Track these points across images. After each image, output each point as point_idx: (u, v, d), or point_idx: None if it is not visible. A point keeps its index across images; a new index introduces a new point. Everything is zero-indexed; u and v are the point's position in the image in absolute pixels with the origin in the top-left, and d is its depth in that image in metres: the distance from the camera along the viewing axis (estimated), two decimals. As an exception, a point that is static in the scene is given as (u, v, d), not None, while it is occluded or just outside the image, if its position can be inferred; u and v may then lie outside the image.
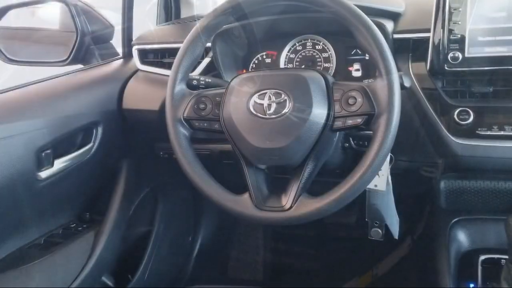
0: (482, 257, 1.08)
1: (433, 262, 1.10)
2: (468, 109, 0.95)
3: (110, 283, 1.28)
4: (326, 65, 1.16)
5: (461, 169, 1.13)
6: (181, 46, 0.93)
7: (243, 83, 0.88)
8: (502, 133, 0.94)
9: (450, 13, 0.94)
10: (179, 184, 1.61)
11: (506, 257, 0.92)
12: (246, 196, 0.87)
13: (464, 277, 1.06)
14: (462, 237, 1.13)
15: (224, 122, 0.88)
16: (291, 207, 0.83)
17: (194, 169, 0.89)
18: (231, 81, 0.91)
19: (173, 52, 1.20)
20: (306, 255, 1.80)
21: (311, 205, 0.82)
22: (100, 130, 1.20)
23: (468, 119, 0.94)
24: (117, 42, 1.45)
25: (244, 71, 1.23)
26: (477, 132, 0.95)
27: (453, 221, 1.14)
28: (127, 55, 1.39)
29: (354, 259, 1.70)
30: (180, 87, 0.93)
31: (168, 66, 1.24)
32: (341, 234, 1.74)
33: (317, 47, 1.17)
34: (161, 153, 1.31)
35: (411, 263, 1.51)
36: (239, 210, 0.87)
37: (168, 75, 0.95)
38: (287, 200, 0.84)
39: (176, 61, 0.93)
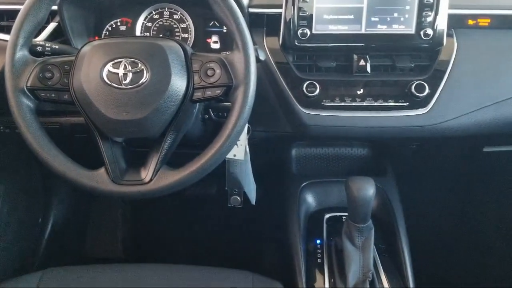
0: (327, 216, 1.20)
1: (285, 223, 1.19)
2: (315, 82, 1.03)
3: None
4: (185, 35, 1.14)
5: (309, 138, 1.24)
6: (22, 8, 0.83)
7: (95, 51, 0.83)
8: (342, 104, 1.05)
9: (300, -9, 1.01)
10: (24, 161, 1.46)
11: (346, 214, 1.03)
12: (102, 171, 0.83)
13: (312, 235, 1.16)
14: (310, 199, 1.24)
15: (75, 92, 0.82)
16: (151, 179, 0.82)
17: (41, 144, 0.82)
18: (81, 48, 0.84)
19: (12, 14, 1.06)
20: (167, 228, 1.80)
21: (172, 177, 0.81)
22: None
23: (315, 91, 1.03)
24: None
25: (96, 38, 1.15)
26: (322, 103, 1.05)
27: (302, 185, 1.24)
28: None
29: (216, 227, 1.76)
30: (22, 53, 0.83)
31: (7, 30, 1.10)
32: (202, 204, 1.77)
33: (174, 16, 1.14)
34: (1, 127, 1.17)
35: (267, 225, 1.61)
36: (94, 186, 0.82)
37: (6, 40, 0.84)
38: (146, 173, 0.82)
39: (16, 24, 0.83)
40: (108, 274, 0.97)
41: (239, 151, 1.04)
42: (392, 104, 1.04)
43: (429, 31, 1.01)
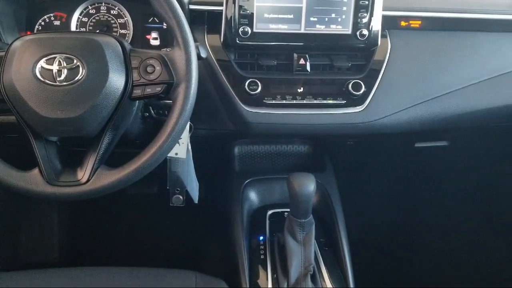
0: (269, 212, 1.21)
1: (228, 220, 1.19)
2: (257, 80, 1.04)
3: None
4: (123, 31, 1.11)
5: (252, 135, 1.25)
6: None
7: (27, 46, 0.78)
8: (284, 101, 1.06)
9: (240, -11, 1.01)
10: None
11: (288, 210, 1.05)
12: (35, 171, 0.79)
13: (255, 232, 1.18)
14: (252, 196, 1.25)
15: (5, 89, 0.77)
16: (88, 180, 0.79)
17: (-32, 145, 0.77)
18: (12, 43, 0.80)
19: None
20: (107, 229, 1.74)
21: (111, 177, 0.79)
22: None
23: (257, 89, 1.04)
24: None
25: (28, 33, 1.09)
26: (264, 101, 1.06)
27: (245, 182, 1.25)
28: None
29: (158, 227, 1.73)
30: None
31: None
32: (143, 204, 1.74)
33: (112, 12, 1.11)
34: None
35: (210, 224, 1.61)
36: (27, 187, 0.78)
37: None
38: (83, 173, 0.80)
39: None
40: (43, 279, 0.92)
41: (181, 149, 1.03)
42: (330, 102, 1.07)
43: (365, 32, 1.05)
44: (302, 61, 1.06)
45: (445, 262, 1.69)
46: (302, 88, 1.07)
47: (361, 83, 1.06)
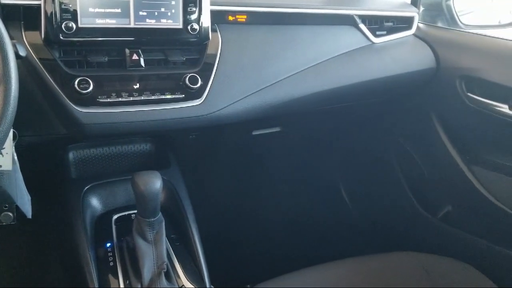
0: (115, 216, 1.16)
1: (69, 232, 1.10)
2: (88, 78, 0.97)
3: None
4: None
5: (87, 138, 1.18)
6: None
7: None
8: (120, 99, 1.02)
9: (59, -18, 0.94)
10: None
11: (136, 211, 1.02)
12: None
13: (101, 239, 1.11)
14: (94, 202, 1.18)
15: None
16: None
17: None
18: None
19: None
20: None
21: None
22: None
23: (88, 88, 0.97)
24: None
25: None
26: (98, 100, 1.00)
27: (84, 189, 1.17)
28: None
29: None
30: None
31: None
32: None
33: None
34: None
35: (50, 238, 1.48)
36: None
37: None
38: None
39: None
40: None
41: (5, 160, 0.92)
42: (169, 96, 1.07)
43: (196, 26, 1.07)
44: (135, 57, 1.03)
45: (284, 240, 1.83)
46: (138, 84, 1.04)
47: (197, 76, 1.08)
